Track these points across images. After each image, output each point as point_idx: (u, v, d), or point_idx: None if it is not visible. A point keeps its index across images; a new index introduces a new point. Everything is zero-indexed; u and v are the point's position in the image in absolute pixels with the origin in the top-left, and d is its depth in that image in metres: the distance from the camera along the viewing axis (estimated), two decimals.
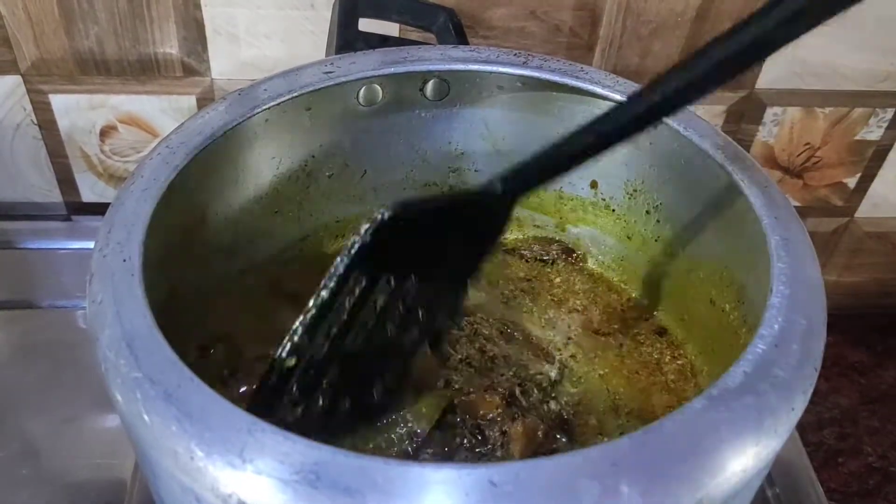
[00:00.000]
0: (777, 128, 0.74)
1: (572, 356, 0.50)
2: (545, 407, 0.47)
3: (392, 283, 0.37)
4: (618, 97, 0.47)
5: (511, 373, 0.48)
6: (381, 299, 0.37)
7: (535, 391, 0.47)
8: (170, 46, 0.65)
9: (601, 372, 0.49)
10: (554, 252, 0.56)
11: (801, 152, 0.76)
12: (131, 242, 0.38)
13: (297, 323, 0.36)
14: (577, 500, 0.29)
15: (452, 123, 0.53)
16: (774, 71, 0.70)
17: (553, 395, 0.48)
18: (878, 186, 0.78)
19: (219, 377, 0.47)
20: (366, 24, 0.53)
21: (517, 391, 0.47)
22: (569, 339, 0.51)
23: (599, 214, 0.54)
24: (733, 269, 0.46)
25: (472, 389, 0.46)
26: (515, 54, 0.50)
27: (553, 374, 0.49)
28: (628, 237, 0.54)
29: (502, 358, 0.49)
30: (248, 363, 0.48)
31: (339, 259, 0.36)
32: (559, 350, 0.50)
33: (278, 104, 0.47)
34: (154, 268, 0.38)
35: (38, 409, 0.61)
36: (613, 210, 0.54)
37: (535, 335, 0.51)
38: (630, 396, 0.48)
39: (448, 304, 0.40)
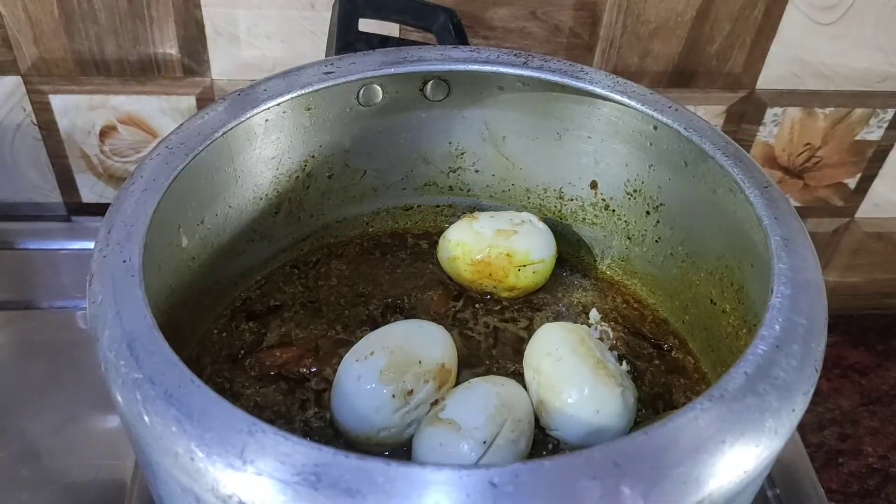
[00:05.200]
0: (777, 128, 0.74)
1: None
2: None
3: None
4: (617, 97, 0.47)
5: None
6: None
7: None
8: (170, 47, 0.65)
9: None
10: None
11: (802, 152, 0.76)
12: (131, 243, 0.38)
13: None
14: (577, 501, 0.29)
15: (453, 124, 0.53)
16: (775, 71, 0.70)
17: None
18: (878, 187, 0.78)
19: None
20: (366, 25, 0.53)
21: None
22: None
23: (599, 215, 0.54)
24: (734, 270, 0.46)
25: None
26: (516, 54, 0.50)
27: None
28: (628, 237, 0.54)
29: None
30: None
31: None
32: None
33: (278, 104, 0.47)
34: (154, 268, 0.38)
35: (38, 410, 0.61)
36: (613, 210, 0.54)
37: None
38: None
39: None
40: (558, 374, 0.44)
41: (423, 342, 0.45)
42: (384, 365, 0.43)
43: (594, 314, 0.52)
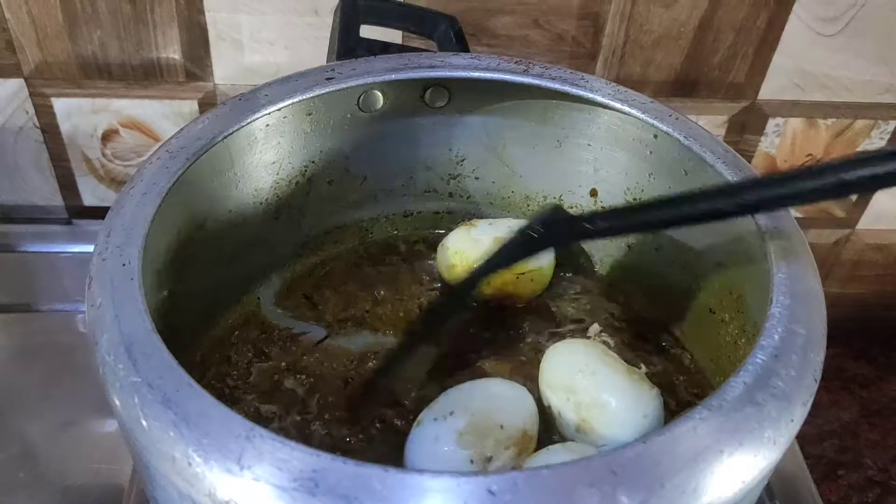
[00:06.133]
0: (779, 138, 0.74)
1: None
2: None
3: None
4: (617, 105, 0.47)
5: None
6: None
7: None
8: (173, 51, 0.65)
9: None
10: None
11: (804, 163, 0.76)
12: (130, 246, 0.38)
13: None
14: None
15: (453, 130, 0.53)
16: (777, 82, 0.70)
17: None
18: (880, 198, 0.78)
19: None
20: (368, 31, 0.54)
21: None
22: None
23: None
24: (733, 279, 0.46)
25: None
26: (516, 62, 0.50)
27: None
28: (628, 246, 0.54)
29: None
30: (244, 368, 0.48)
31: None
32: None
33: (279, 109, 0.47)
34: (153, 272, 0.38)
35: (36, 413, 0.61)
36: None
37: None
38: None
39: None
40: (599, 387, 0.42)
41: (505, 404, 0.42)
42: (463, 427, 0.40)
43: (594, 328, 0.51)
